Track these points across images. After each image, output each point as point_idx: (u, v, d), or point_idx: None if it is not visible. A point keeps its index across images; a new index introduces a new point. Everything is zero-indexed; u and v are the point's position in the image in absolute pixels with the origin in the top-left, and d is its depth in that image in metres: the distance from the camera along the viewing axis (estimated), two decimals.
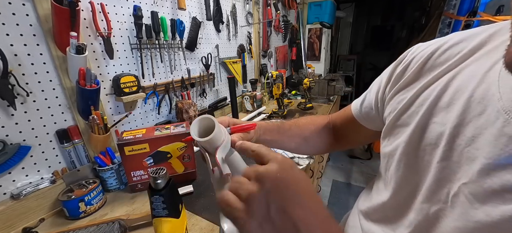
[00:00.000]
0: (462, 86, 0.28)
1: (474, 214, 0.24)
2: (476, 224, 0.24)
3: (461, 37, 0.31)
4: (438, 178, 0.28)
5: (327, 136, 0.57)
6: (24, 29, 0.64)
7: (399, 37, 4.24)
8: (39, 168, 0.71)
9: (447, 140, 0.28)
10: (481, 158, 0.24)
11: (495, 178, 0.23)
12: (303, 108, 1.72)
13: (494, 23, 0.30)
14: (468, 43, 0.30)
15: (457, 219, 0.26)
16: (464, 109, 0.26)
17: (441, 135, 0.28)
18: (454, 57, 0.30)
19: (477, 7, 2.03)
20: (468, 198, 0.25)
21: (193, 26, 1.21)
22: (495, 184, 0.23)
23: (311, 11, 2.71)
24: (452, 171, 0.27)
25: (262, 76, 2.03)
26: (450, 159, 0.27)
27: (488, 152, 0.24)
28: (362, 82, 4.78)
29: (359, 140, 0.56)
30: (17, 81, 0.62)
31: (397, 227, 0.35)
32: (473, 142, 0.25)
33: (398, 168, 0.35)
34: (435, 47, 0.33)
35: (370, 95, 0.45)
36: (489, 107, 0.24)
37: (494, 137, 0.23)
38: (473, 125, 0.25)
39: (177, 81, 1.17)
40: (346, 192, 2.34)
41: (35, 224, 0.66)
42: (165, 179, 0.51)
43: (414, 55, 0.35)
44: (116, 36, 0.88)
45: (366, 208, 0.44)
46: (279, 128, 0.52)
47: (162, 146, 0.76)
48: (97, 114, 0.76)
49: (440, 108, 0.29)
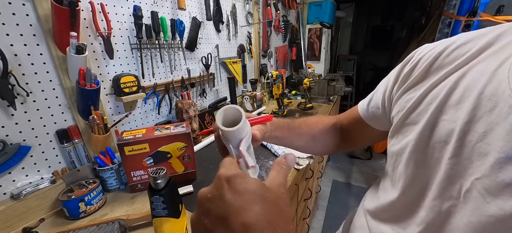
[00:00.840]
0: (471, 84, 0.28)
1: (488, 208, 0.24)
2: (490, 218, 0.24)
3: (469, 37, 0.32)
4: (449, 174, 0.29)
5: (335, 135, 0.57)
6: (24, 29, 0.64)
7: (399, 37, 4.24)
8: (39, 168, 0.71)
9: (458, 136, 0.28)
10: (493, 152, 0.24)
11: (508, 171, 0.23)
12: (303, 108, 1.72)
13: (501, 24, 0.30)
14: (476, 43, 0.30)
15: (470, 215, 0.26)
16: (475, 106, 0.27)
17: (452, 132, 0.28)
18: (462, 57, 0.31)
19: (477, 7, 2.03)
20: (481, 193, 0.25)
21: (193, 26, 1.21)
22: (508, 177, 0.23)
23: (311, 11, 2.70)
24: (463, 167, 0.27)
25: (262, 76, 2.03)
26: (461, 156, 0.27)
27: (501, 146, 0.24)
28: (362, 82, 4.78)
29: (365, 141, 0.56)
30: (17, 81, 0.62)
31: (408, 225, 0.35)
32: (485, 138, 0.25)
33: (407, 166, 0.35)
34: (443, 47, 0.33)
35: (377, 95, 0.45)
36: (500, 103, 0.25)
37: (506, 131, 0.24)
38: (485, 121, 0.26)
39: (177, 81, 1.17)
40: (346, 192, 2.34)
41: (35, 224, 0.66)
42: (165, 179, 0.51)
43: (422, 55, 0.36)
44: (116, 36, 0.88)
45: (374, 207, 0.43)
46: (289, 125, 0.52)
47: (162, 146, 0.76)
48: (97, 114, 0.76)
49: (450, 106, 0.29)
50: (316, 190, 1.83)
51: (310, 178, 1.36)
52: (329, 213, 2.06)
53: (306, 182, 1.30)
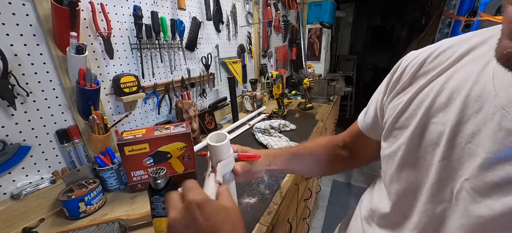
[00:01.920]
0: (458, 86, 0.28)
1: (477, 209, 0.24)
2: (479, 219, 0.24)
3: (451, 42, 0.33)
4: (440, 177, 0.29)
5: (340, 153, 0.57)
6: (24, 29, 0.64)
7: (399, 37, 4.24)
8: (39, 168, 0.71)
9: (448, 138, 0.28)
10: (481, 153, 0.25)
11: (496, 171, 0.23)
12: (303, 108, 1.72)
13: (486, 28, 0.31)
14: (459, 48, 0.31)
15: (460, 217, 0.26)
16: (462, 107, 0.27)
17: (441, 134, 0.29)
18: (446, 61, 0.32)
19: (477, 7, 2.03)
20: (470, 194, 0.25)
21: (193, 26, 1.21)
22: (497, 177, 0.23)
23: (311, 11, 2.71)
24: (454, 169, 0.27)
25: (262, 76, 2.03)
26: (451, 157, 0.28)
27: (488, 147, 0.24)
28: (362, 82, 4.78)
29: (370, 154, 0.54)
30: (17, 81, 0.62)
31: (401, 230, 0.35)
32: (473, 139, 0.26)
33: (399, 170, 0.35)
34: (428, 53, 0.34)
35: (371, 105, 0.46)
36: (486, 104, 0.25)
37: (493, 132, 0.24)
38: (472, 122, 0.26)
39: (177, 81, 1.17)
40: (346, 192, 2.34)
41: (35, 224, 0.66)
42: (165, 179, 0.51)
43: (408, 62, 0.37)
44: (116, 36, 0.88)
45: (368, 212, 0.44)
46: (288, 152, 0.55)
47: (162, 146, 0.77)
48: (97, 114, 0.76)
49: (438, 109, 0.30)
50: (316, 190, 1.83)
51: (310, 178, 1.36)
52: (329, 213, 2.06)
53: (306, 182, 1.30)
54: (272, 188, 0.80)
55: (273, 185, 0.81)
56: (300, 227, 1.34)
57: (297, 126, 1.36)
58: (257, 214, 0.69)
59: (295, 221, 1.18)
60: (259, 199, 0.75)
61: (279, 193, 0.78)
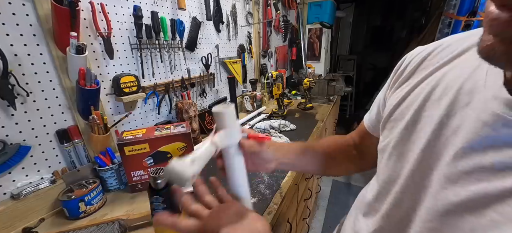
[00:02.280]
0: (452, 81, 0.29)
1: (445, 194, 0.26)
2: (444, 205, 0.25)
3: (455, 39, 0.33)
4: (419, 166, 0.30)
5: (351, 152, 0.56)
6: (24, 29, 0.64)
7: (399, 37, 4.23)
8: (39, 168, 0.71)
9: (433, 130, 0.29)
10: (458, 143, 0.26)
11: (468, 160, 0.24)
12: (303, 108, 1.72)
13: None
14: (460, 44, 0.31)
15: (428, 201, 0.27)
16: (452, 101, 0.28)
17: (429, 126, 0.29)
18: (446, 56, 0.32)
19: (477, 7, 2.03)
20: (440, 181, 0.26)
21: (193, 26, 1.21)
22: (467, 165, 0.24)
23: (311, 11, 2.70)
24: (433, 159, 0.28)
25: (262, 76, 2.03)
26: (432, 149, 0.29)
27: (465, 138, 0.25)
28: (362, 82, 4.77)
29: (376, 155, 0.55)
30: (17, 81, 0.62)
31: (376, 217, 0.36)
32: (457, 131, 0.26)
33: (388, 161, 0.35)
34: (431, 49, 0.35)
35: (376, 101, 0.46)
36: (475, 98, 0.26)
37: (472, 123, 0.25)
38: (459, 115, 0.27)
39: (177, 81, 1.17)
40: (346, 192, 2.34)
41: (35, 224, 0.66)
42: (165, 179, 0.51)
43: (413, 56, 0.37)
44: (116, 36, 0.88)
45: (360, 204, 0.45)
46: (301, 147, 0.54)
47: (162, 146, 0.77)
48: (97, 114, 0.76)
49: (432, 102, 0.30)
50: (316, 190, 1.83)
51: (310, 178, 1.36)
52: (329, 213, 2.06)
53: (306, 182, 1.30)
54: (272, 188, 0.80)
55: (273, 185, 0.82)
56: (300, 227, 1.34)
57: (297, 126, 1.36)
58: None
59: (295, 221, 1.18)
60: (259, 199, 0.75)
61: (279, 193, 0.78)
